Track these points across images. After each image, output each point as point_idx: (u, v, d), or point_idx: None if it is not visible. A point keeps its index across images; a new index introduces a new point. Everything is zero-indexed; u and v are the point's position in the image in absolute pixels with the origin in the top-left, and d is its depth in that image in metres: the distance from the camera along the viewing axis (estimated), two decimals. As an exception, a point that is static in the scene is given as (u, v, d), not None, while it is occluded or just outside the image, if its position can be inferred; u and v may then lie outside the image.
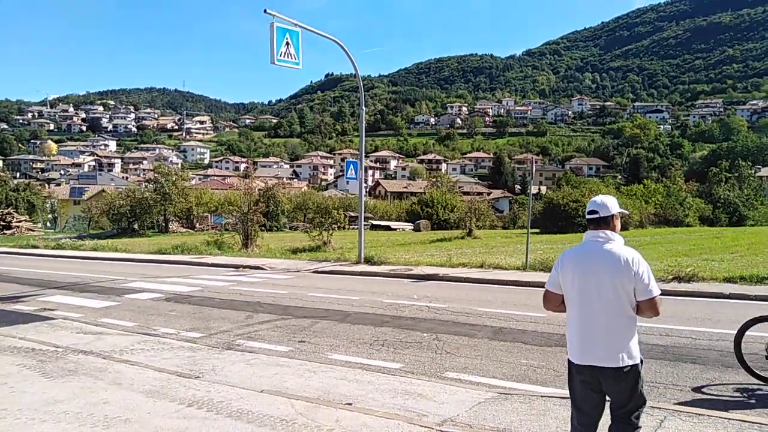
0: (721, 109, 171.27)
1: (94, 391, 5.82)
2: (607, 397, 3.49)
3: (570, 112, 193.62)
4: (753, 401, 5.53)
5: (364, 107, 19.03)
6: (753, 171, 70.62)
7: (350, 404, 5.41)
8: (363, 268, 16.71)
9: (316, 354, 7.51)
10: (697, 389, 5.84)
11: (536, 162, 19.51)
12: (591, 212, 3.49)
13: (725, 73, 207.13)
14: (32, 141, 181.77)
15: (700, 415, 4.92)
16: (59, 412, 5.19)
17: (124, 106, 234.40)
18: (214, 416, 5.08)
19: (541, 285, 12.94)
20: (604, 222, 3.48)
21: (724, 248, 20.77)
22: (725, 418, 4.85)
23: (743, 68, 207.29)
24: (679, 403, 5.37)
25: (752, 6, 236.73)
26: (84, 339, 8.30)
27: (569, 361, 3.51)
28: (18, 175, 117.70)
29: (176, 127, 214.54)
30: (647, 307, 3.36)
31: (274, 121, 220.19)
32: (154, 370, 6.58)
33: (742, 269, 13.65)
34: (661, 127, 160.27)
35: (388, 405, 5.39)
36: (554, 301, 3.62)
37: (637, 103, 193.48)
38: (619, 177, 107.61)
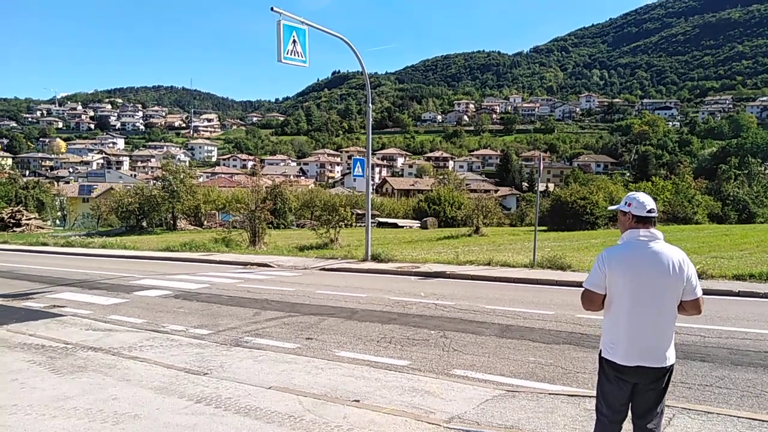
0: (731, 106, 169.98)
1: (103, 387, 5.86)
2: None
3: (578, 109, 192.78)
4: (763, 399, 5.49)
5: (371, 105, 19.02)
6: (763, 168, 70.09)
7: (358, 401, 5.42)
8: (370, 265, 16.72)
9: (323, 351, 7.52)
10: (706, 387, 5.82)
11: (544, 159, 19.47)
12: (650, 211, 3.43)
13: (735, 70, 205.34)
14: (41, 139, 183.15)
15: (708, 413, 4.90)
16: (69, 408, 5.24)
17: (132, 105, 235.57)
18: (222, 412, 5.10)
19: (548, 282, 12.97)
20: (653, 222, 3.47)
21: (734, 246, 20.64)
22: (734, 416, 4.83)
23: (753, 64, 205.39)
24: (688, 401, 5.35)
25: (762, 2, 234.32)
26: (93, 336, 8.35)
27: (606, 360, 3.49)
28: (27, 173, 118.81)
29: (184, 125, 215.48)
30: (692, 306, 3.41)
31: (281, 118, 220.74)
32: (162, 366, 6.62)
33: (751, 267, 13.58)
34: (670, 123, 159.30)
35: (396, 402, 5.40)
36: (597, 302, 3.51)
37: (645, 100, 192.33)
38: (628, 174, 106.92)
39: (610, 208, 3.88)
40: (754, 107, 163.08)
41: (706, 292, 3.45)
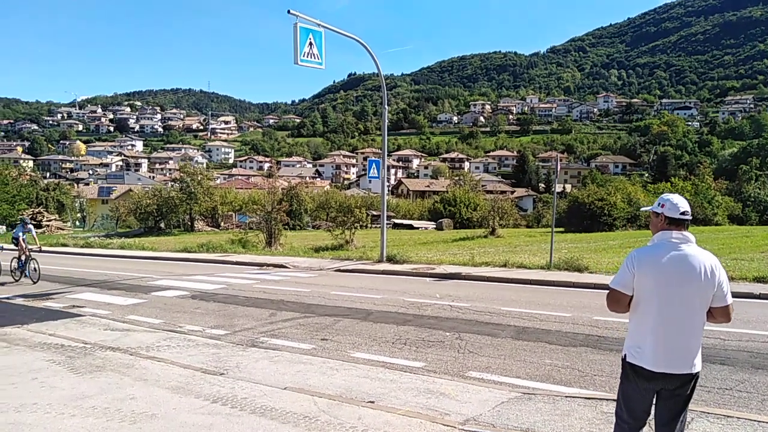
0: (752, 106, 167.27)
1: (121, 386, 5.93)
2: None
3: (596, 110, 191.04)
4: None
5: (386, 106, 19.03)
6: (785, 168, 68.84)
7: (372, 402, 5.42)
8: (385, 266, 16.71)
9: (338, 352, 7.53)
10: (725, 390, 5.73)
11: (561, 160, 19.31)
12: (684, 213, 3.32)
13: (756, 69, 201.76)
14: (62, 141, 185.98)
15: (728, 417, 4.83)
16: (88, 407, 5.30)
17: (150, 107, 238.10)
18: (238, 412, 5.13)
19: (565, 284, 12.87)
20: (686, 224, 3.36)
21: (754, 247, 20.31)
22: (755, 421, 4.75)
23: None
24: (708, 405, 5.27)
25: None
26: (111, 336, 8.45)
27: (631, 365, 3.36)
28: (48, 174, 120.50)
29: (201, 128, 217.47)
30: (721, 314, 3.33)
31: (298, 120, 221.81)
32: (179, 366, 6.67)
33: (773, 269, 13.35)
34: (689, 124, 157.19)
35: (411, 403, 5.39)
36: (623, 303, 3.39)
37: (664, 100, 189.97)
38: (646, 175, 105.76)
39: (643, 209, 3.77)
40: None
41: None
